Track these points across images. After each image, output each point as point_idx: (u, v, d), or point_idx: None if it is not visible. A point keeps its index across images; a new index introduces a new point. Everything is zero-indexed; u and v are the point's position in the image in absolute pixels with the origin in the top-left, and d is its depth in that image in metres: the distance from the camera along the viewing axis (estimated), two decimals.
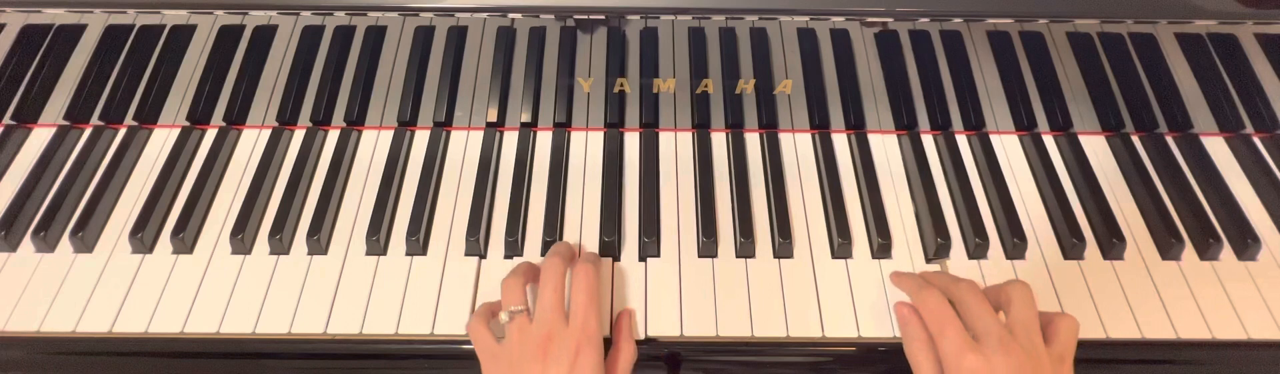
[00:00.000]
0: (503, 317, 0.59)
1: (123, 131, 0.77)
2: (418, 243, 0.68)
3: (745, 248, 0.68)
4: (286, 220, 0.69)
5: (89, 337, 0.63)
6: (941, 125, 0.77)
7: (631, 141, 0.77)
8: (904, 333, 0.60)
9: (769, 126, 0.78)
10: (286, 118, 0.77)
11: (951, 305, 0.57)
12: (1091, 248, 0.69)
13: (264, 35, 0.70)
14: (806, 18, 0.67)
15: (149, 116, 0.77)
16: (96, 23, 0.69)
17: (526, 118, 0.77)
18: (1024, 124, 0.77)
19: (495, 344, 0.59)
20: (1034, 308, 0.56)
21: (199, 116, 0.77)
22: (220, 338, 0.63)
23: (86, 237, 0.68)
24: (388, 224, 0.70)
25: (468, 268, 0.67)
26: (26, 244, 0.69)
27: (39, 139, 0.77)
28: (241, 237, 0.68)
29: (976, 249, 0.68)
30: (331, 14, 0.67)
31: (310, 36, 0.71)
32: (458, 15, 0.67)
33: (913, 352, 0.58)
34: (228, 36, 0.70)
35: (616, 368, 0.60)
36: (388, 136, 0.77)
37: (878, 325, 0.64)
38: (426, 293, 0.65)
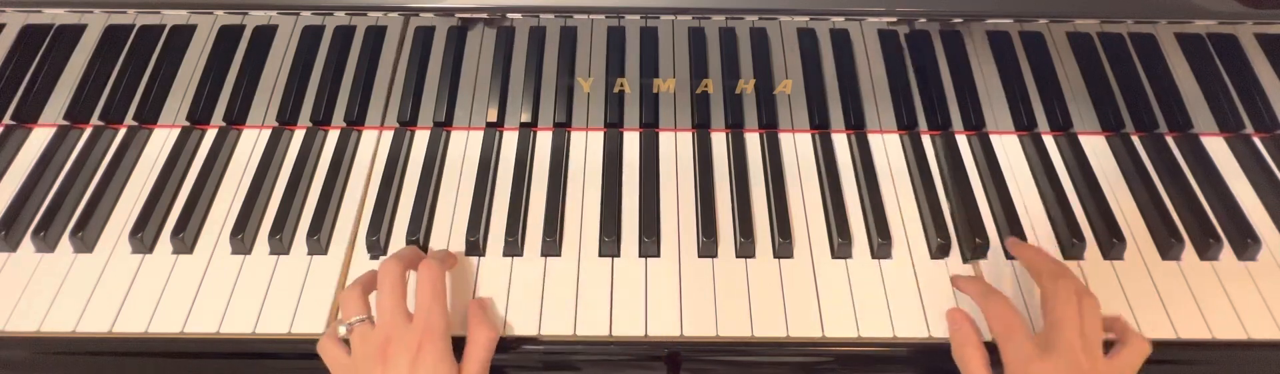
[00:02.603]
0: (341, 330, 0.58)
1: (123, 131, 0.77)
2: (418, 243, 0.68)
3: (745, 248, 0.68)
4: (286, 220, 0.69)
5: (89, 337, 0.63)
6: (941, 125, 0.77)
7: (631, 141, 0.77)
8: (955, 337, 0.60)
9: (769, 126, 0.78)
10: (286, 118, 0.77)
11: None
12: (1091, 248, 0.69)
13: (264, 35, 0.70)
14: (806, 18, 0.67)
15: (149, 116, 0.77)
16: (96, 23, 0.69)
17: (526, 118, 0.77)
18: (1024, 124, 0.77)
19: (345, 357, 0.58)
20: (1100, 323, 0.57)
21: (199, 116, 0.77)
22: (220, 338, 0.63)
23: (86, 237, 0.68)
24: (388, 224, 0.70)
25: (467, 268, 0.67)
26: (26, 244, 0.69)
27: (39, 139, 0.77)
28: (241, 237, 0.68)
29: (976, 249, 0.68)
30: (331, 14, 0.67)
31: (310, 36, 0.71)
32: (457, 15, 0.67)
33: (964, 355, 0.58)
34: (228, 36, 0.70)
35: (470, 356, 0.58)
36: (388, 136, 0.77)
37: (878, 326, 0.64)
38: None
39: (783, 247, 0.68)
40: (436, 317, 0.57)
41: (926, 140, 0.78)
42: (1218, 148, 0.78)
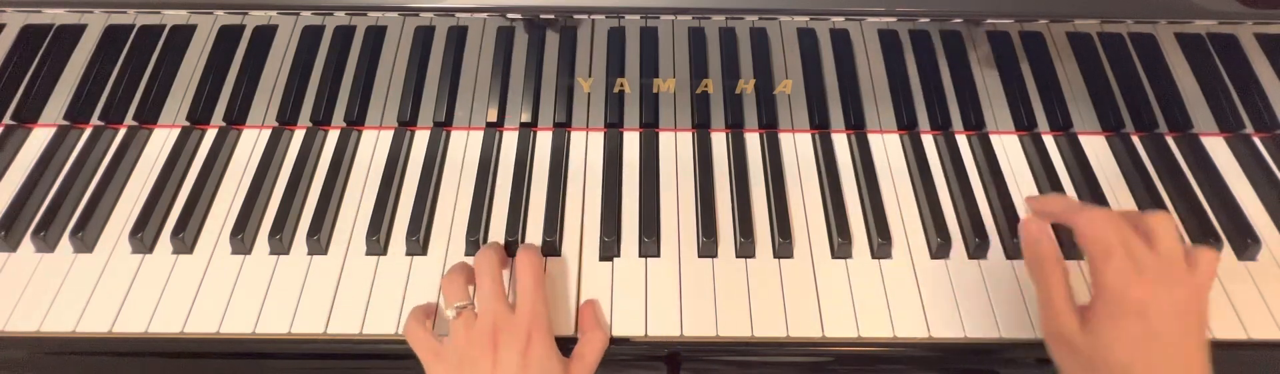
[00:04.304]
0: (449, 314, 0.59)
1: (123, 131, 0.77)
2: (418, 243, 0.68)
3: (745, 248, 0.68)
4: (286, 220, 0.69)
5: (89, 337, 0.63)
6: (941, 125, 0.77)
7: (631, 141, 0.77)
8: (1031, 253, 0.57)
9: (769, 126, 0.78)
10: (286, 118, 0.77)
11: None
12: None
13: (264, 35, 0.70)
14: (806, 18, 0.67)
15: (149, 116, 0.77)
16: (96, 23, 0.69)
17: (526, 118, 0.77)
18: (1024, 124, 0.77)
19: (437, 343, 0.58)
20: (1179, 240, 0.54)
21: (199, 116, 0.77)
22: (220, 338, 0.63)
23: (86, 237, 0.68)
24: (388, 224, 0.70)
25: None
26: (26, 244, 0.69)
27: (39, 139, 0.77)
28: (241, 237, 0.68)
29: (976, 249, 0.68)
30: (331, 14, 0.67)
31: (310, 36, 0.71)
32: (458, 15, 0.67)
33: (1043, 272, 0.56)
34: (228, 36, 0.70)
35: (585, 356, 0.59)
36: (388, 136, 0.77)
37: (878, 325, 0.64)
38: (427, 293, 0.65)
39: (783, 246, 0.68)
40: (541, 306, 0.58)
41: (927, 140, 0.78)
42: (1218, 148, 0.78)
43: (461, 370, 0.56)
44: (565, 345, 0.61)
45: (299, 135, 0.77)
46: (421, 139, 0.77)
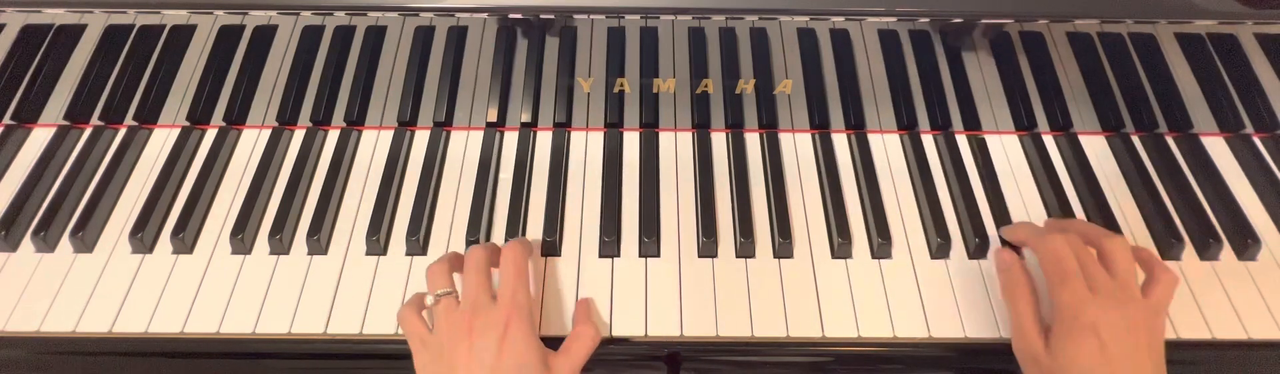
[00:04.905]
0: (428, 300, 0.59)
1: (123, 131, 0.77)
2: (418, 243, 0.68)
3: (745, 248, 0.68)
4: (286, 220, 0.69)
5: (89, 337, 0.63)
6: (941, 125, 0.77)
7: (631, 141, 0.77)
8: (1005, 279, 0.62)
9: (769, 126, 0.78)
10: (286, 118, 0.77)
11: None
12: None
13: (264, 35, 0.70)
14: (806, 18, 0.67)
15: (149, 116, 0.77)
16: (96, 23, 0.69)
17: (526, 118, 0.77)
18: (1024, 124, 0.77)
19: (425, 331, 0.59)
20: (1133, 262, 0.58)
21: (199, 116, 0.77)
22: (220, 338, 0.63)
23: (86, 237, 0.68)
24: (388, 224, 0.70)
25: None
26: (26, 244, 0.69)
27: (39, 139, 0.77)
28: (241, 237, 0.68)
29: (976, 249, 0.68)
30: (331, 14, 0.67)
31: (310, 36, 0.71)
32: (458, 15, 0.67)
33: (1015, 296, 0.60)
34: (228, 36, 0.70)
35: (571, 349, 0.59)
36: (388, 136, 0.77)
37: (878, 325, 0.64)
38: None
39: (783, 246, 0.68)
40: (522, 296, 0.58)
41: (927, 140, 0.78)
42: (1218, 148, 0.78)
43: (441, 356, 0.56)
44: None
45: (299, 135, 0.77)
46: (421, 139, 0.77)
